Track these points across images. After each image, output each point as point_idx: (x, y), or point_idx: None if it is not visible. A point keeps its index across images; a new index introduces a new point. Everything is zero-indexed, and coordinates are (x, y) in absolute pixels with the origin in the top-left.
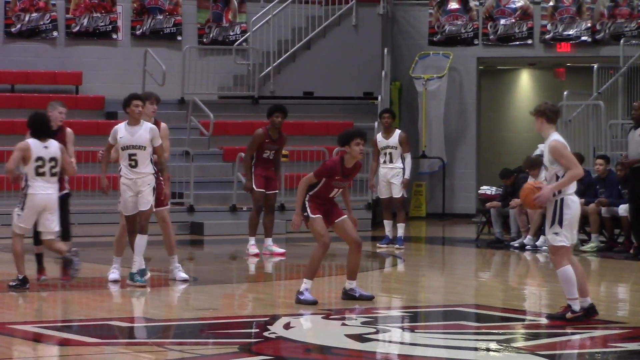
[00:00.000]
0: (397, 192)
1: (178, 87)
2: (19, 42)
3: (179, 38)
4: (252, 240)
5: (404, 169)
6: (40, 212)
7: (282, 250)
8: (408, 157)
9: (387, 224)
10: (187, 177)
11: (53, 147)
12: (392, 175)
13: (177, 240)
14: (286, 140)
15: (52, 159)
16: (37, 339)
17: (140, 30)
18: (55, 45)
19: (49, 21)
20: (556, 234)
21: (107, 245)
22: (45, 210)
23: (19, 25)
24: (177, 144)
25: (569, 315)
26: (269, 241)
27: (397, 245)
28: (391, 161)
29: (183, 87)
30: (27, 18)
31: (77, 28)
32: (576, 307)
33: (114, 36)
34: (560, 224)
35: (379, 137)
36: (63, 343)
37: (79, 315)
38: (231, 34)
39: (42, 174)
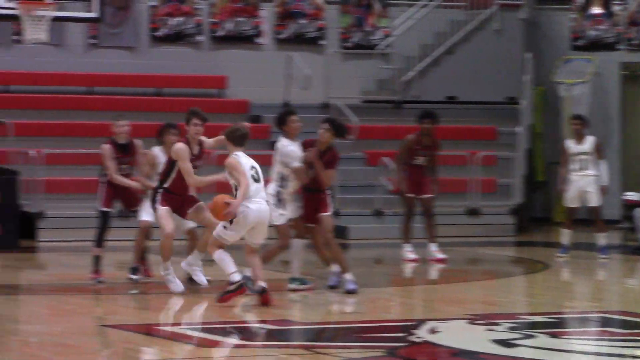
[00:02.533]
0: (596, 201)
1: (321, 92)
2: (164, 46)
3: (322, 42)
4: (407, 247)
5: (599, 176)
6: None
7: (443, 256)
8: (604, 164)
9: (567, 233)
10: (332, 180)
11: None
12: (587, 183)
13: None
14: (440, 146)
15: None
16: (188, 340)
17: (284, 35)
18: (200, 49)
19: (193, 25)
20: None
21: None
22: None
23: (164, 30)
24: None
25: None
26: (432, 247)
27: (602, 256)
28: (586, 168)
29: (326, 91)
30: (172, 22)
31: (222, 32)
32: None
33: (258, 40)
34: None
35: (570, 143)
36: (213, 345)
37: (227, 318)
38: (374, 38)
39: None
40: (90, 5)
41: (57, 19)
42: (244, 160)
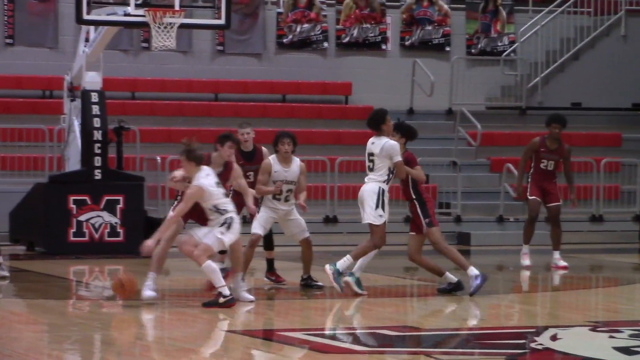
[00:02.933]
0: None
1: (446, 98)
2: (290, 53)
3: (448, 49)
4: (524, 249)
5: None
6: None
7: (565, 264)
8: None
9: None
10: (454, 187)
11: None
12: None
13: None
14: (568, 151)
15: None
16: (309, 346)
17: (409, 41)
18: (326, 55)
19: (319, 32)
20: None
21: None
22: None
23: (290, 36)
24: (444, 154)
25: None
26: (556, 254)
27: None
28: None
29: (451, 97)
30: (298, 29)
31: (347, 39)
32: None
33: (383, 47)
34: None
35: None
36: (334, 351)
37: (347, 323)
38: (499, 44)
39: None
40: (217, 12)
41: (184, 26)
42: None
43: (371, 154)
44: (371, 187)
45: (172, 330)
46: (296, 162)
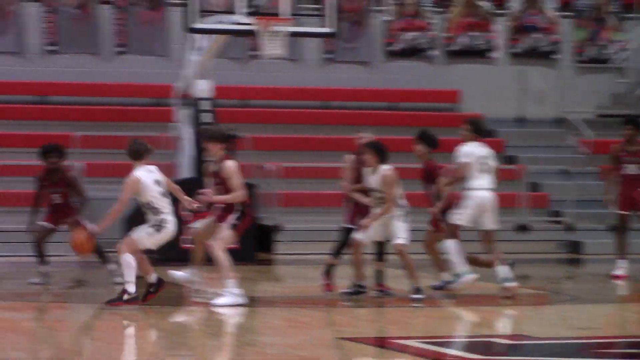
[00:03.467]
0: None
1: (555, 106)
2: (398, 61)
3: (556, 56)
4: (620, 262)
5: None
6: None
7: None
8: None
9: None
10: (566, 195)
11: None
12: None
13: (555, 258)
14: None
15: None
16: (422, 355)
17: (518, 49)
18: (434, 63)
19: (427, 40)
20: None
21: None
22: None
23: (398, 44)
24: (555, 162)
25: None
26: None
27: None
28: None
29: (560, 105)
30: (406, 37)
31: (455, 46)
32: None
33: (491, 54)
34: None
35: None
36: (446, 359)
37: (458, 331)
38: (608, 52)
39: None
40: (326, 20)
41: (293, 34)
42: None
43: (485, 158)
44: (493, 195)
45: (286, 337)
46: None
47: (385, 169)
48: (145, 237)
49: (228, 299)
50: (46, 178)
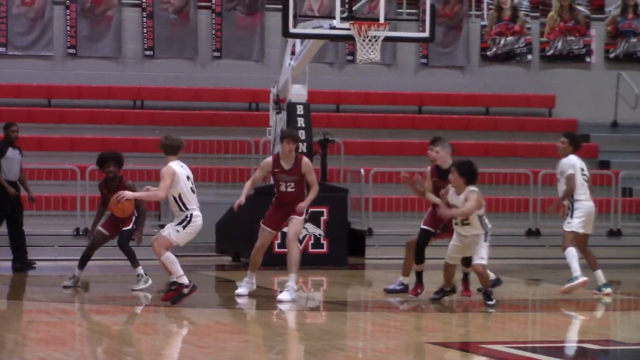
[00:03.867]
0: None
1: None
2: (494, 66)
3: None
4: None
5: None
6: None
7: None
8: None
9: None
10: None
11: None
12: None
13: None
14: None
15: None
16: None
17: (614, 53)
18: (529, 68)
19: (523, 44)
20: None
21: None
22: None
23: (494, 49)
24: None
25: None
26: None
27: None
28: None
29: None
30: (502, 42)
31: (551, 51)
32: None
33: (588, 59)
34: None
35: None
36: None
37: (549, 337)
38: None
39: None
40: (422, 25)
41: (389, 39)
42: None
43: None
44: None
45: (376, 341)
46: None
47: (472, 190)
48: (175, 233)
49: (289, 294)
50: (105, 187)
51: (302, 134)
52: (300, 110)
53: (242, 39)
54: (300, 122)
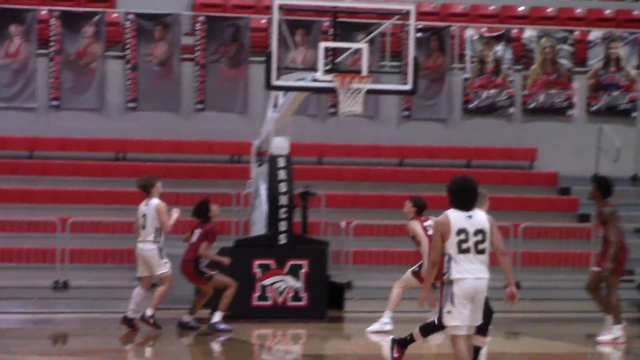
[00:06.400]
0: None
1: (631, 164)
2: (476, 118)
3: (634, 114)
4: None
5: None
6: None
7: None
8: None
9: None
10: (639, 254)
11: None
12: None
13: (628, 317)
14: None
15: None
16: None
17: (596, 107)
18: (511, 121)
19: (505, 97)
20: None
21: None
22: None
23: (476, 102)
24: (629, 221)
25: None
26: None
27: None
28: None
29: (636, 163)
30: (484, 94)
31: (533, 104)
32: None
33: (569, 112)
34: None
35: None
36: None
37: None
38: None
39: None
40: (404, 77)
41: (372, 91)
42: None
43: None
44: None
45: None
46: None
47: None
48: None
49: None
50: None
51: (283, 187)
52: (281, 162)
53: (225, 91)
54: (282, 174)
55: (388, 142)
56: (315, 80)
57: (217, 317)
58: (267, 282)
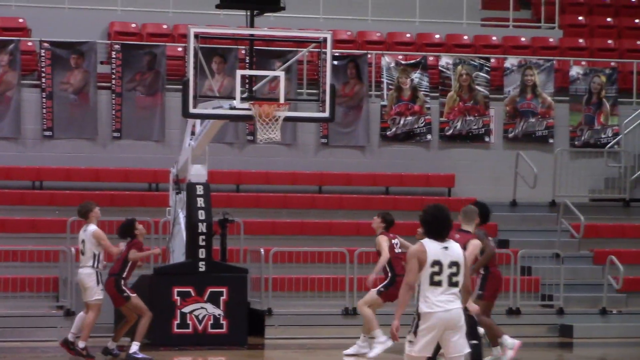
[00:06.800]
0: None
1: (549, 190)
2: (393, 145)
3: (551, 141)
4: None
5: None
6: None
7: None
8: None
9: None
10: (557, 279)
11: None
12: None
13: (546, 342)
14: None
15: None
16: None
17: (513, 133)
18: (429, 148)
19: (423, 124)
20: None
21: None
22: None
23: (394, 129)
24: (547, 246)
25: None
26: None
27: None
28: None
29: (554, 189)
30: (402, 122)
31: (451, 131)
32: None
33: (487, 139)
34: None
35: None
36: None
37: None
38: (602, 136)
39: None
40: (322, 105)
41: (289, 119)
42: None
43: None
44: None
45: None
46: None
47: None
48: None
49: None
50: None
51: (201, 214)
52: (200, 190)
53: (142, 119)
54: (200, 202)
55: (306, 169)
56: (232, 108)
57: (134, 347)
58: (187, 309)
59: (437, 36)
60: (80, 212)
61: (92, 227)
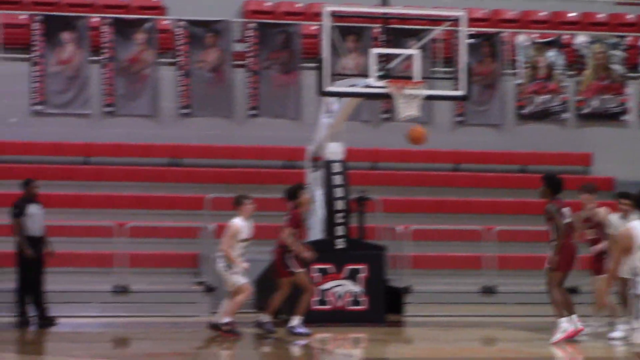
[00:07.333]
0: None
1: None
2: (529, 124)
3: None
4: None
5: None
6: None
7: None
8: None
9: None
10: None
11: None
12: None
13: None
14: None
15: None
16: None
17: None
18: (565, 126)
19: (559, 103)
20: None
21: None
22: None
23: (530, 107)
24: None
25: None
26: None
27: None
28: None
29: None
30: (538, 100)
31: (587, 109)
32: None
33: (624, 117)
34: None
35: None
36: None
37: None
38: None
39: None
40: (457, 83)
41: (426, 97)
42: None
43: None
44: None
45: None
46: None
47: None
48: None
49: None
50: None
51: (339, 192)
52: (337, 168)
53: (278, 98)
54: (337, 180)
55: (442, 147)
56: (368, 86)
57: (296, 321)
58: (326, 286)
59: (572, 14)
60: (233, 201)
61: (232, 220)
